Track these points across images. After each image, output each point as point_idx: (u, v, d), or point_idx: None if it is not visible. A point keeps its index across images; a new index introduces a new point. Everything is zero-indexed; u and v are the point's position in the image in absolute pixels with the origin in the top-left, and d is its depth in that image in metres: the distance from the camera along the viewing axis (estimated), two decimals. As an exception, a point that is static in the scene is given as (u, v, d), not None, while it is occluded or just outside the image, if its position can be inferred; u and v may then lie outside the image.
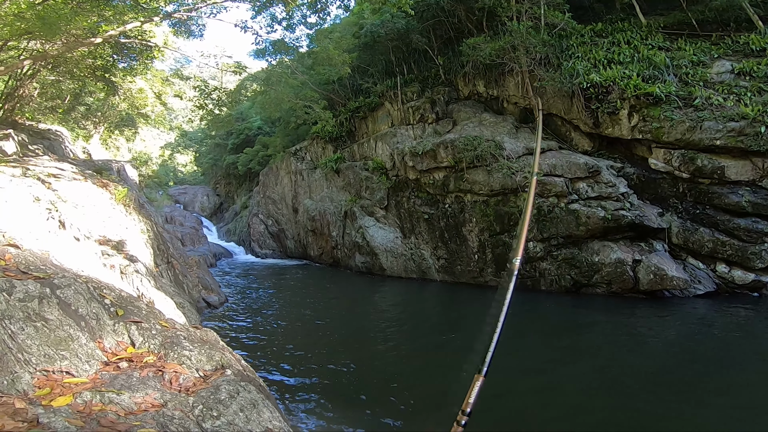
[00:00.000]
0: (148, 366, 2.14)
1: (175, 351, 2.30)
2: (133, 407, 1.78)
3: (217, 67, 15.45)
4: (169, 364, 2.17)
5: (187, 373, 2.12)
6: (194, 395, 1.91)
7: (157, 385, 1.96)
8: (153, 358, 2.24)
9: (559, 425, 4.50)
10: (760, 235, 9.48)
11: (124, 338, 2.43)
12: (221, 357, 2.37)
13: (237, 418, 1.78)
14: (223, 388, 1.97)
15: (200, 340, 2.58)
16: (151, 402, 1.80)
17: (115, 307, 2.69)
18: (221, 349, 2.52)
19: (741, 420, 4.42)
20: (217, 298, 11.06)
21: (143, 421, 1.67)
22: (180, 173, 45.23)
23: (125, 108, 23.06)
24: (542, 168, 11.46)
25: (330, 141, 18.82)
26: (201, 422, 1.72)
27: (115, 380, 2.02)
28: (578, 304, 10.15)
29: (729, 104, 9.84)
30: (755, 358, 6.20)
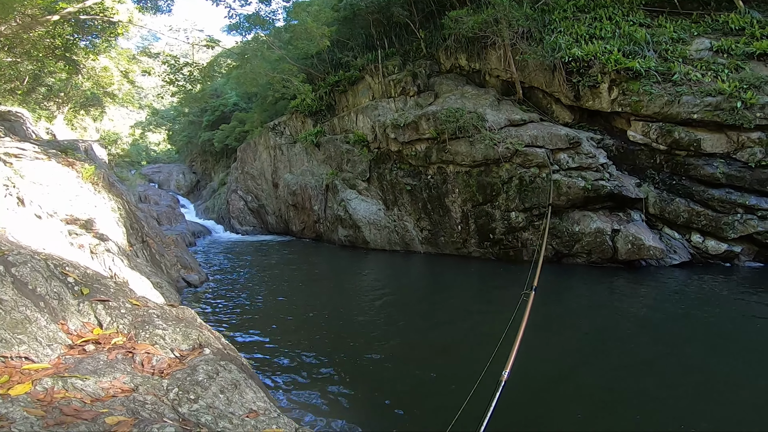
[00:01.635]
0: (117, 348, 1.96)
1: (147, 330, 2.12)
2: (100, 393, 1.61)
3: (187, 42, 14.71)
4: (141, 345, 2.00)
5: (160, 354, 1.96)
6: (169, 377, 1.75)
7: (127, 368, 1.79)
8: (122, 339, 2.06)
9: (540, 392, 4.55)
10: (733, 205, 9.78)
11: (90, 319, 2.24)
12: (198, 335, 2.21)
13: (217, 401, 1.64)
14: (201, 369, 1.81)
15: (175, 318, 2.40)
16: (120, 387, 1.64)
17: (80, 285, 2.47)
18: (199, 327, 2.36)
19: (703, 393, 4.56)
20: (198, 276, 10.79)
21: (111, 408, 1.51)
22: (153, 152, 44.03)
23: (90, 87, 21.99)
24: (524, 139, 11.59)
25: (309, 115, 18.46)
26: (177, 406, 1.57)
27: (80, 365, 1.84)
28: (560, 273, 10.33)
29: (707, 80, 10.09)
30: (723, 330, 6.39)
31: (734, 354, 5.40)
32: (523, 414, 4.00)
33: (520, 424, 3.87)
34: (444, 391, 4.41)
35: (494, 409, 1.87)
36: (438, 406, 4.07)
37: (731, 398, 4.31)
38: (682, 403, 4.21)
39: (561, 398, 4.39)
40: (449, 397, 4.17)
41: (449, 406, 4.00)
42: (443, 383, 4.56)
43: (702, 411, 4.08)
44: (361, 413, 3.87)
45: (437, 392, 4.40)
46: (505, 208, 11.82)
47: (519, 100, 13.10)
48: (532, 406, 4.21)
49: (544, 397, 4.41)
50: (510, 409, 4.16)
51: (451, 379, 4.63)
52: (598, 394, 4.51)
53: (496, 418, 2.06)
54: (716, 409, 4.11)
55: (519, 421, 3.88)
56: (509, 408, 4.19)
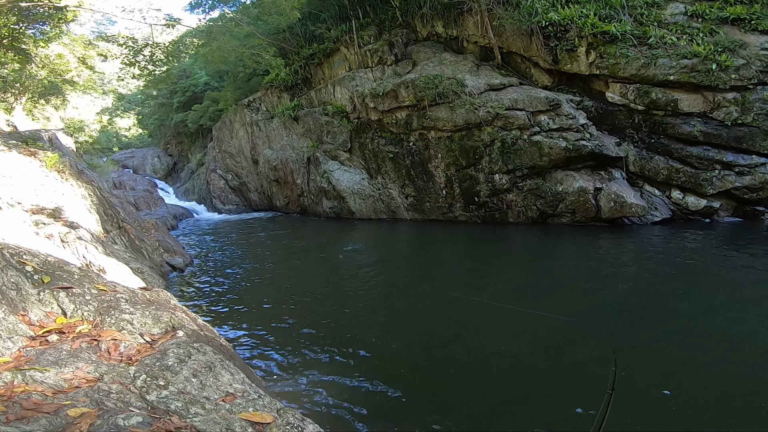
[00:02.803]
0: (82, 336, 1.83)
1: (113, 316, 1.99)
2: (63, 385, 1.50)
3: (144, 22, 13.92)
4: (107, 332, 1.87)
5: (128, 340, 1.83)
6: (137, 364, 1.64)
7: (92, 357, 1.67)
8: (88, 326, 1.93)
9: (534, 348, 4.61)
10: (711, 162, 9.97)
11: (53, 308, 2.09)
12: (171, 318, 2.08)
13: (189, 385, 1.53)
14: (172, 353, 1.70)
15: (146, 301, 2.27)
16: (84, 377, 1.53)
17: (40, 274, 2.31)
18: (172, 309, 2.23)
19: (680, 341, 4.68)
20: (182, 259, 10.55)
21: (74, 400, 1.40)
22: (124, 137, 42.66)
23: (46, 76, 20.92)
24: (504, 103, 11.55)
25: (285, 89, 17.93)
26: (144, 394, 1.46)
27: (41, 356, 1.72)
28: (546, 233, 10.45)
29: (682, 43, 10.30)
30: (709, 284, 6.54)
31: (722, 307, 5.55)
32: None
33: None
34: (433, 366, 4.37)
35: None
36: (427, 383, 4.01)
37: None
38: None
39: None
40: (438, 373, 4.15)
41: (437, 382, 4.02)
42: (432, 360, 4.50)
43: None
44: (350, 390, 3.83)
45: (428, 368, 4.36)
46: (489, 170, 11.82)
47: (498, 65, 12.95)
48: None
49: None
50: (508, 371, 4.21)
51: (441, 356, 4.59)
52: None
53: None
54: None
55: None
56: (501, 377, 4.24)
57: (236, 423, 1.35)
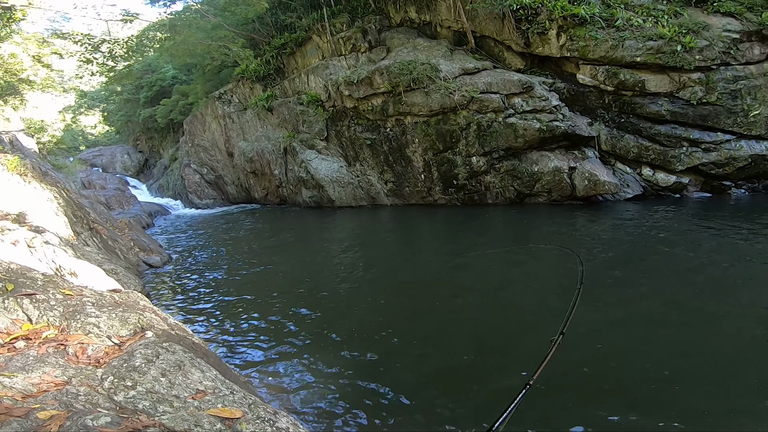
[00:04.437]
0: (48, 341, 1.80)
1: (78, 320, 1.95)
2: (31, 389, 1.48)
3: (99, 18, 13.40)
4: (73, 336, 1.84)
5: (96, 343, 1.81)
6: (105, 366, 1.62)
7: (60, 361, 1.64)
8: (54, 331, 1.90)
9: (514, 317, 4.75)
10: (678, 139, 10.30)
11: (18, 315, 2.03)
12: (139, 319, 2.06)
13: (157, 385, 1.53)
14: (139, 353, 1.69)
15: (112, 303, 2.23)
16: (52, 380, 1.51)
17: (3, 281, 2.24)
18: (140, 310, 2.20)
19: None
20: (159, 258, 10.35)
21: (43, 403, 1.39)
22: (90, 135, 41.15)
23: (1, 76, 19.97)
24: (478, 86, 11.64)
25: (257, 80, 17.57)
26: (112, 395, 1.45)
27: (9, 363, 1.68)
28: (524, 213, 10.67)
29: (648, 25, 10.53)
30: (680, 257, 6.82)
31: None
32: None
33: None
34: (413, 353, 4.41)
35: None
36: (412, 371, 4.04)
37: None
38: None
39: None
40: (421, 362, 4.21)
41: (424, 372, 4.08)
42: (414, 350, 4.53)
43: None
44: (332, 382, 3.84)
45: (410, 355, 4.37)
46: (466, 153, 11.95)
47: (471, 49, 13.02)
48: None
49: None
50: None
51: (426, 346, 4.64)
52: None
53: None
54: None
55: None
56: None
57: (205, 419, 1.36)
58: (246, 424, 1.43)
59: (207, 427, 1.32)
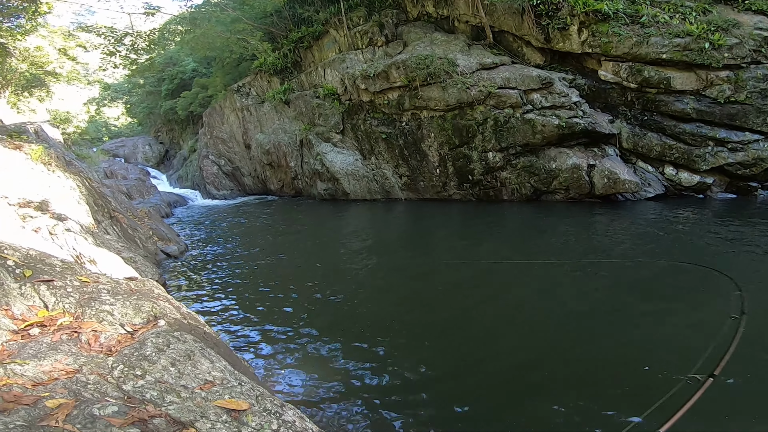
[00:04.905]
0: (62, 329, 1.83)
1: (93, 308, 1.98)
2: (42, 377, 1.50)
3: (122, 11, 13.73)
4: (87, 323, 1.87)
5: (109, 331, 1.84)
6: (116, 354, 1.65)
7: (72, 349, 1.67)
8: (69, 318, 1.93)
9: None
10: (704, 138, 9.97)
11: (35, 301, 2.08)
12: (152, 307, 2.08)
13: (166, 374, 1.54)
14: (150, 342, 1.71)
15: (128, 291, 2.26)
16: (63, 368, 1.53)
17: (21, 267, 2.29)
18: (154, 298, 2.23)
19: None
20: (177, 247, 10.52)
21: (53, 391, 1.41)
22: (114, 127, 42.29)
23: (27, 68, 20.59)
24: (496, 81, 11.47)
25: (275, 73, 17.70)
26: (121, 384, 1.47)
27: (23, 349, 1.72)
28: (541, 210, 10.51)
29: (675, 22, 10.20)
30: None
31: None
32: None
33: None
34: (422, 348, 4.41)
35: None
36: (431, 367, 4.03)
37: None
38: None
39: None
40: (443, 358, 4.19)
41: (441, 365, 4.07)
42: (431, 345, 4.53)
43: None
44: (338, 376, 3.85)
45: (431, 355, 4.35)
46: (482, 149, 11.81)
47: (489, 44, 12.81)
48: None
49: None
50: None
51: (440, 342, 4.63)
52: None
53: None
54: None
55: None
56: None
57: (211, 410, 1.37)
58: (252, 416, 1.44)
59: (213, 419, 1.33)
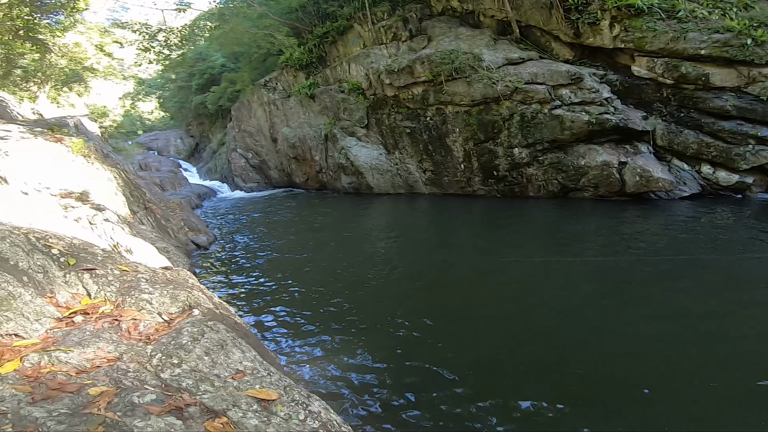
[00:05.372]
0: (104, 317, 1.94)
1: (133, 296, 2.09)
2: (85, 365, 1.60)
3: (155, 7, 14.26)
4: (127, 312, 1.98)
5: (147, 320, 1.93)
6: (154, 343, 1.73)
7: (113, 337, 1.77)
8: (110, 307, 2.04)
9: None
10: (744, 137, 9.55)
11: (79, 289, 2.21)
12: (188, 296, 2.17)
13: (201, 363, 1.62)
14: (186, 331, 1.79)
15: (164, 281, 2.37)
16: (105, 356, 1.63)
17: (66, 256, 2.43)
18: (189, 288, 2.32)
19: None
20: (206, 238, 10.85)
21: (95, 379, 1.50)
22: (147, 121, 43.88)
23: (66, 64, 21.54)
24: (523, 77, 11.28)
25: (301, 68, 17.91)
26: (159, 372, 1.55)
27: (67, 337, 1.83)
28: (568, 207, 10.30)
29: (714, 18, 9.83)
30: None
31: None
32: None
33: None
34: (459, 346, 4.41)
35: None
36: (456, 361, 4.05)
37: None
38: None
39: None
40: (467, 350, 4.19)
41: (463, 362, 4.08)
42: (459, 340, 4.54)
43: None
44: (368, 369, 3.90)
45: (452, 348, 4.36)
46: (508, 144, 11.66)
47: (516, 39, 12.61)
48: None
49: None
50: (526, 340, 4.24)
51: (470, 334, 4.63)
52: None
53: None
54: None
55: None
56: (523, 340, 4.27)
57: (242, 399, 1.43)
58: (281, 406, 1.49)
59: (244, 408, 1.39)
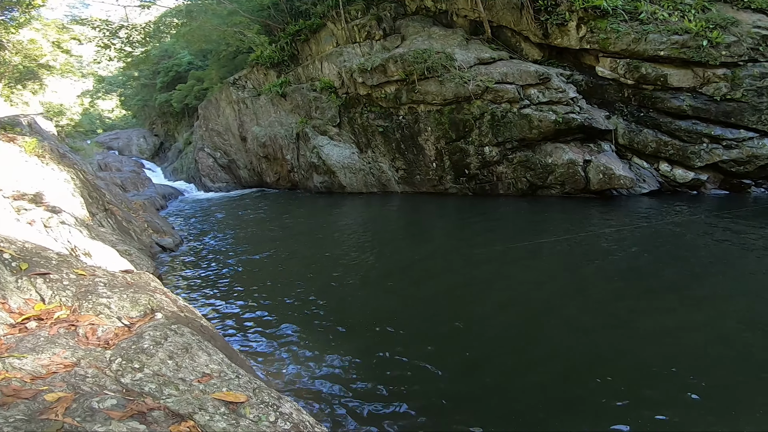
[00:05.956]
0: (60, 322, 1.83)
1: (90, 300, 1.99)
2: (41, 371, 1.51)
3: (117, 3, 13.65)
4: (84, 317, 1.88)
5: (106, 324, 1.84)
6: (114, 348, 1.65)
7: (69, 342, 1.68)
8: (66, 312, 1.93)
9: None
10: (699, 136, 10.04)
11: (32, 294, 2.08)
12: (149, 300, 2.09)
13: (164, 367, 1.55)
14: (148, 335, 1.71)
15: (124, 284, 2.26)
16: (61, 362, 1.54)
17: (18, 261, 2.28)
18: (151, 291, 2.23)
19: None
20: (172, 240, 10.49)
21: (51, 385, 1.42)
22: (107, 119, 42.18)
23: (21, 61, 20.44)
24: (494, 76, 11.48)
25: (272, 66, 17.62)
26: (120, 377, 1.48)
27: (20, 343, 1.72)
28: (537, 204, 10.58)
29: (673, 19, 10.24)
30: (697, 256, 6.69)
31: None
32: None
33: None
34: (420, 343, 4.45)
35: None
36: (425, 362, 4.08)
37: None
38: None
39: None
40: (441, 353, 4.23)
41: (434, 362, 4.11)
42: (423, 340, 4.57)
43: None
44: (335, 369, 3.88)
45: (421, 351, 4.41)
46: (479, 143, 11.86)
47: (488, 39, 12.83)
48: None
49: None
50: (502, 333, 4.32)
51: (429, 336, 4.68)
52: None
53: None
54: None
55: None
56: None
57: (209, 403, 1.38)
58: (250, 409, 1.45)
59: (211, 411, 1.34)
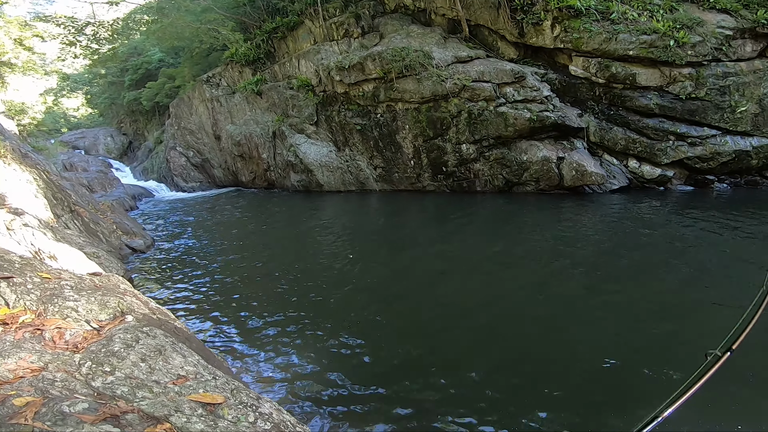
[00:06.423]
0: (25, 326, 1.75)
1: (56, 304, 1.90)
2: (8, 375, 1.43)
3: (84, 0, 13.11)
4: (50, 320, 1.79)
5: (74, 328, 1.76)
6: (83, 351, 1.59)
7: (36, 347, 1.60)
8: (31, 316, 1.84)
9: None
10: (665, 133, 10.41)
11: (-7, 299, 1.97)
12: (119, 302, 2.01)
13: (137, 370, 1.50)
14: (118, 338, 1.65)
15: (92, 287, 2.17)
16: (28, 366, 1.46)
17: (-23, 264, 2.17)
18: (121, 294, 2.15)
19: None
20: (143, 241, 10.17)
21: (19, 390, 1.35)
22: (73, 118, 40.44)
23: None
24: (471, 75, 11.63)
25: (247, 64, 17.30)
26: (90, 381, 1.42)
27: (-17, 349, 1.63)
28: (512, 201, 10.78)
29: (642, 19, 10.55)
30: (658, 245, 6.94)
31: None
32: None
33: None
34: (397, 344, 4.47)
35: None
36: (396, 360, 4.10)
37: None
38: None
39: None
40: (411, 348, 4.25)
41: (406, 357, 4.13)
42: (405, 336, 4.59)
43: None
44: (313, 369, 3.85)
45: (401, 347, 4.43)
46: (456, 141, 11.98)
47: (465, 37, 12.95)
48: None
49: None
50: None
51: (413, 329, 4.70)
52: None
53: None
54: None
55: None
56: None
57: (185, 404, 1.34)
58: (228, 410, 1.42)
59: (188, 413, 1.30)
